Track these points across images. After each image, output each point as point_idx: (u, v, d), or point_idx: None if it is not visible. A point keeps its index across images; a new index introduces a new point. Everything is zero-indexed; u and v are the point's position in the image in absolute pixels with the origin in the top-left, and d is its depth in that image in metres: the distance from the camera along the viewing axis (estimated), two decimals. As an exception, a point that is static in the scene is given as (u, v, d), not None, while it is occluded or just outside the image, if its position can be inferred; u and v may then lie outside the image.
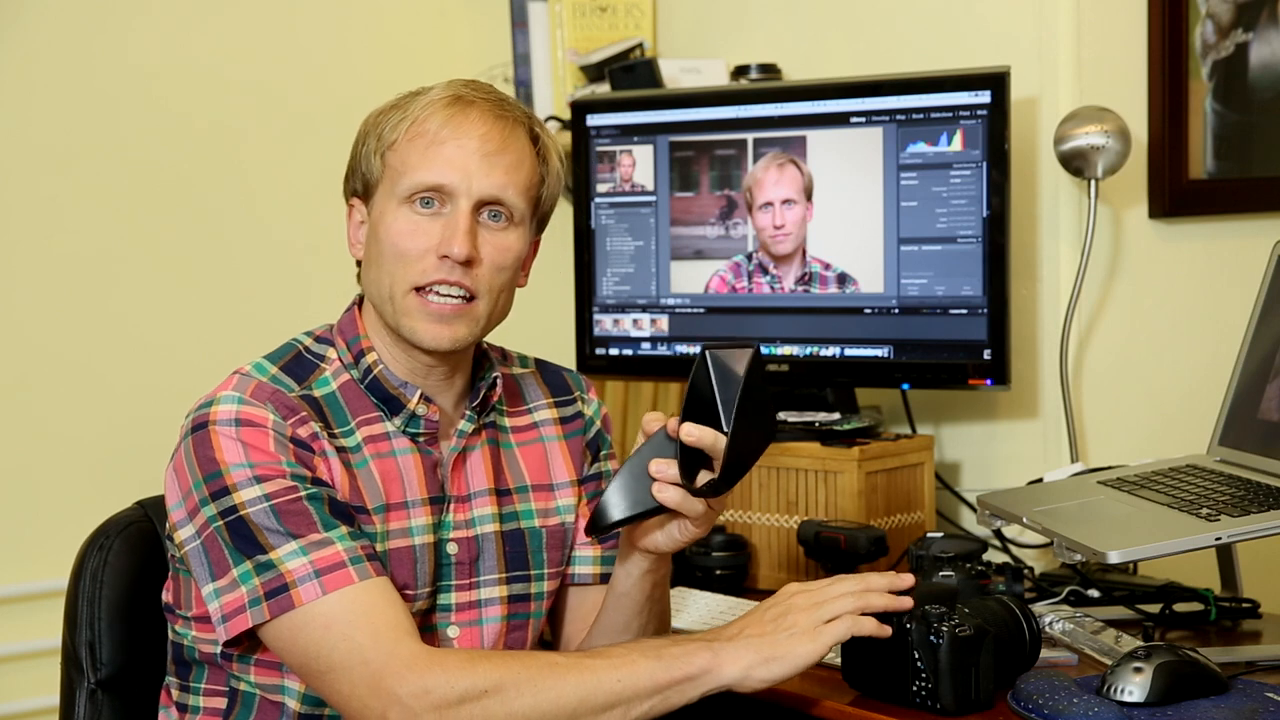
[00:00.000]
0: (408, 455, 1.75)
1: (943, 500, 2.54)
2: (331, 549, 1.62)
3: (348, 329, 1.78)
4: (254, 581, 1.61)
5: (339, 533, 1.63)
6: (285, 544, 1.61)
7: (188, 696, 1.76)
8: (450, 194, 1.70)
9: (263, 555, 1.61)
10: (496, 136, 1.71)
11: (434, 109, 1.71)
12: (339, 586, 1.60)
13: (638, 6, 2.98)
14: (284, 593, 1.60)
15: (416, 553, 1.73)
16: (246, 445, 1.64)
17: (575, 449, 1.89)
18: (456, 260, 1.68)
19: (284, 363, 1.74)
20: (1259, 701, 1.68)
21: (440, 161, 1.69)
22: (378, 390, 1.75)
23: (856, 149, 2.42)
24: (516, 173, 1.72)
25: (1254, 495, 1.91)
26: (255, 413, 1.66)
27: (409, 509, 1.73)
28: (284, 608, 1.60)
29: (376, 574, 1.63)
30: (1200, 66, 2.55)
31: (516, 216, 1.73)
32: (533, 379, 1.91)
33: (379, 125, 1.75)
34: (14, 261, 2.67)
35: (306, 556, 1.61)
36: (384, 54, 3.01)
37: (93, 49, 2.72)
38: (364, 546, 1.64)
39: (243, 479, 1.63)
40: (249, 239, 2.88)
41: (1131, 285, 2.51)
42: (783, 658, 1.63)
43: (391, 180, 1.72)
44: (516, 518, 1.82)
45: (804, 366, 2.48)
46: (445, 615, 1.76)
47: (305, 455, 1.67)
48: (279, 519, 1.62)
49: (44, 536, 2.65)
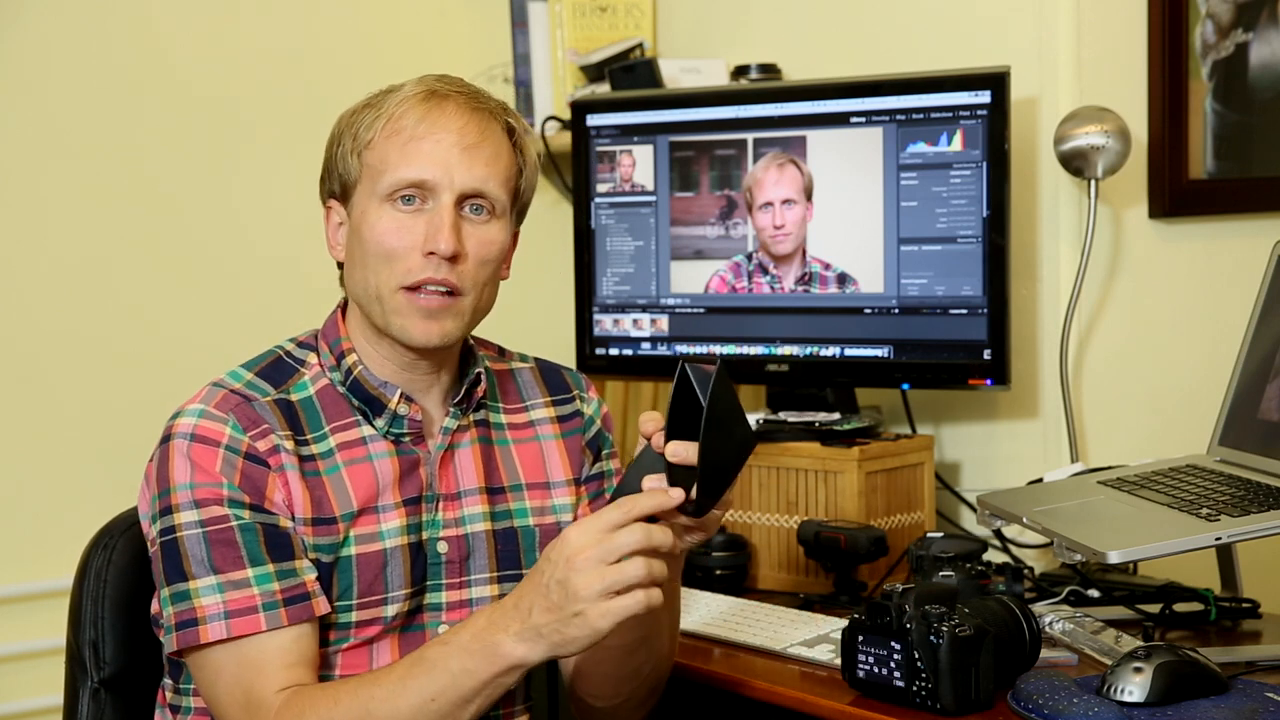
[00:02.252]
0: (384, 459, 1.74)
1: (943, 500, 2.54)
2: (247, 591, 1.64)
3: (330, 332, 1.79)
4: (170, 609, 1.66)
5: (264, 571, 1.65)
6: (205, 578, 1.64)
7: (180, 698, 1.77)
8: (432, 189, 1.69)
9: (183, 584, 1.65)
10: (474, 129, 1.71)
11: (409, 105, 1.71)
12: (244, 633, 1.63)
13: (638, 6, 2.98)
14: (193, 627, 1.64)
15: (387, 556, 1.73)
16: (194, 465, 1.66)
17: (573, 448, 1.89)
18: (443, 256, 1.68)
19: (261, 368, 1.75)
20: (1259, 701, 1.69)
21: (420, 157, 1.69)
22: (359, 392, 1.75)
23: (856, 149, 2.43)
24: (496, 164, 1.72)
25: (1254, 495, 1.91)
26: (211, 428, 1.67)
27: (379, 513, 1.73)
28: (188, 642, 1.64)
29: (290, 620, 1.65)
30: (1200, 66, 2.55)
31: (498, 209, 1.73)
32: (531, 377, 1.90)
33: (353, 125, 1.74)
34: (15, 261, 2.67)
35: (221, 595, 1.64)
36: (384, 54, 3.01)
37: (93, 48, 2.72)
38: (287, 589, 1.65)
39: (184, 501, 1.66)
40: (250, 239, 2.88)
41: (1131, 285, 2.52)
42: (574, 639, 1.53)
43: (370, 179, 1.71)
44: (509, 516, 1.81)
45: (804, 366, 2.48)
46: (435, 614, 1.76)
47: (257, 474, 1.67)
48: (208, 548, 1.64)
49: (48, 536, 2.65)
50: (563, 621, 1.52)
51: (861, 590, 2.26)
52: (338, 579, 1.70)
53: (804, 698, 1.84)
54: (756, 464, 2.42)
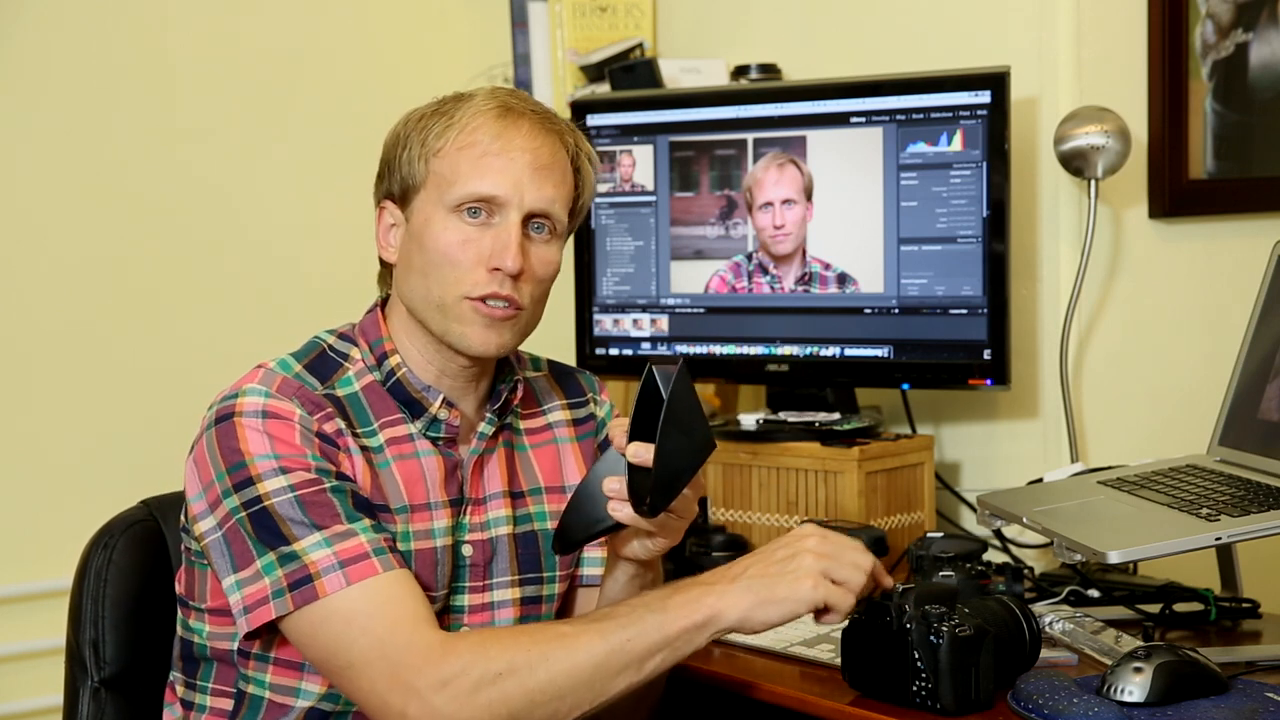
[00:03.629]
0: (430, 457, 1.75)
1: (943, 500, 2.54)
2: (355, 540, 1.62)
3: (370, 330, 1.78)
4: (278, 572, 1.61)
5: (362, 524, 1.63)
6: (309, 535, 1.61)
7: (194, 694, 1.76)
8: (501, 206, 1.70)
9: (286, 546, 1.61)
10: (546, 151, 1.72)
11: (485, 119, 1.71)
12: (363, 577, 1.60)
13: (638, 6, 2.98)
14: (308, 584, 1.60)
15: (438, 554, 1.74)
16: (272, 437, 1.65)
17: (588, 450, 1.90)
18: (509, 274, 1.69)
19: (308, 361, 1.75)
20: (1259, 701, 1.69)
21: (493, 173, 1.70)
22: (400, 393, 1.75)
23: (856, 149, 2.43)
24: (563, 187, 1.74)
25: (1254, 495, 1.91)
26: (281, 406, 1.67)
27: (431, 510, 1.74)
28: (308, 599, 1.60)
29: (399, 565, 1.64)
30: (1200, 66, 2.55)
31: (559, 229, 1.75)
32: (546, 381, 1.92)
33: (423, 130, 1.73)
34: (16, 262, 2.67)
35: (330, 548, 1.61)
36: (384, 54, 3.02)
37: (94, 50, 2.73)
38: (386, 539, 1.65)
39: (267, 469, 1.63)
40: (252, 239, 2.88)
41: (1131, 285, 2.52)
42: (782, 600, 1.61)
43: (438, 188, 1.71)
44: (530, 520, 1.82)
45: (804, 366, 2.48)
46: (459, 616, 1.76)
47: (330, 450, 1.67)
48: (304, 510, 1.62)
49: (48, 535, 2.65)
50: (776, 577, 1.60)
51: (861, 590, 2.26)
52: None
53: (804, 698, 1.84)
54: (756, 464, 2.42)
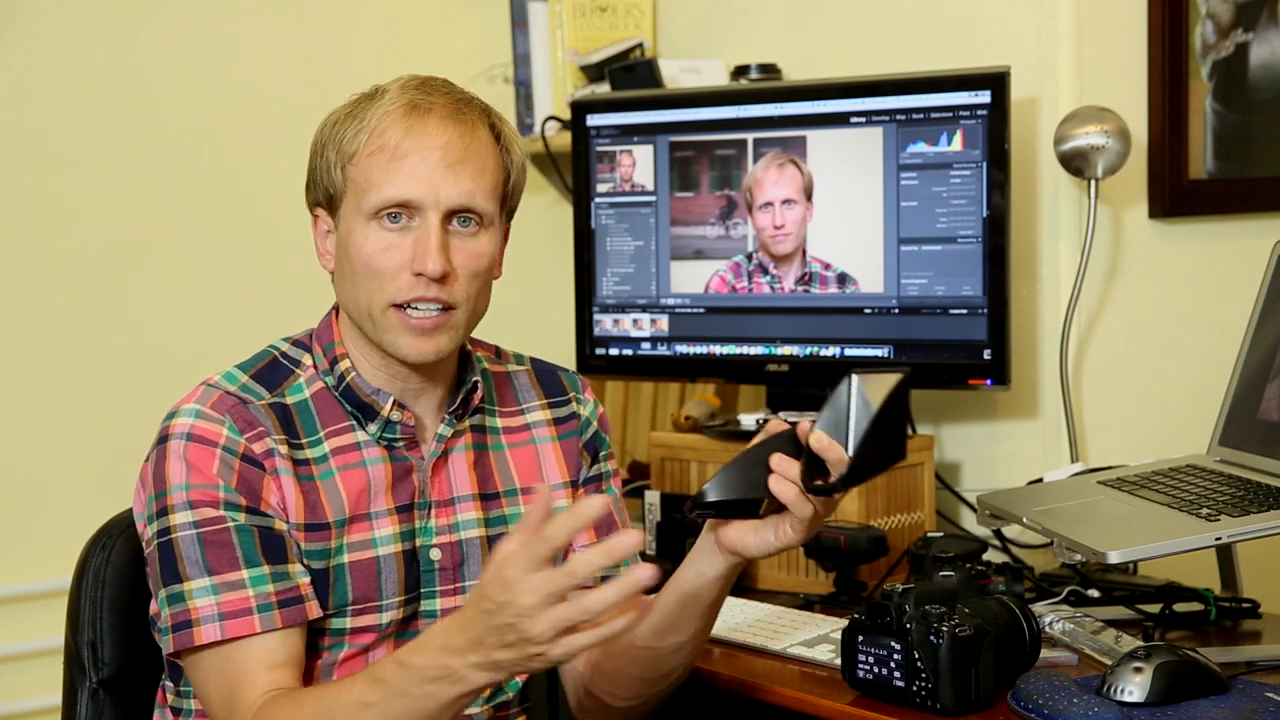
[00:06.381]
0: (378, 465, 1.73)
1: (943, 500, 2.54)
2: (242, 593, 1.63)
3: (324, 335, 1.78)
4: (167, 611, 1.65)
5: (258, 573, 1.64)
6: (199, 579, 1.63)
7: (181, 700, 1.76)
8: (418, 208, 1.67)
9: (178, 585, 1.64)
10: (458, 144, 1.68)
11: (392, 119, 1.67)
12: (237, 635, 1.62)
13: (638, 6, 2.98)
14: (187, 629, 1.63)
15: (380, 564, 1.72)
16: (190, 466, 1.65)
17: (570, 450, 1.88)
18: (431, 277, 1.66)
19: (256, 370, 1.74)
20: (1259, 701, 1.69)
21: (404, 176, 1.66)
22: (351, 397, 1.74)
23: (856, 149, 2.43)
24: (481, 178, 1.69)
25: (1254, 495, 1.91)
26: (209, 429, 1.67)
27: (372, 520, 1.72)
28: (184, 644, 1.64)
29: (284, 623, 1.64)
30: (1200, 66, 2.55)
31: (486, 220, 1.71)
32: (527, 379, 1.89)
33: (337, 136, 1.71)
34: (16, 262, 2.67)
35: (215, 596, 1.63)
36: (384, 54, 3.02)
37: (95, 52, 2.73)
38: (281, 592, 1.64)
39: (179, 502, 1.65)
40: (250, 240, 2.88)
41: (1131, 285, 2.51)
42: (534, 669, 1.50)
43: (356, 196, 1.69)
44: (504, 521, 1.80)
45: (804, 366, 2.48)
46: (430, 621, 1.74)
47: (253, 475, 1.67)
48: (202, 549, 1.63)
49: (46, 536, 2.65)
50: (524, 660, 1.46)
51: (861, 590, 2.26)
52: (333, 586, 1.69)
53: (804, 698, 1.84)
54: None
